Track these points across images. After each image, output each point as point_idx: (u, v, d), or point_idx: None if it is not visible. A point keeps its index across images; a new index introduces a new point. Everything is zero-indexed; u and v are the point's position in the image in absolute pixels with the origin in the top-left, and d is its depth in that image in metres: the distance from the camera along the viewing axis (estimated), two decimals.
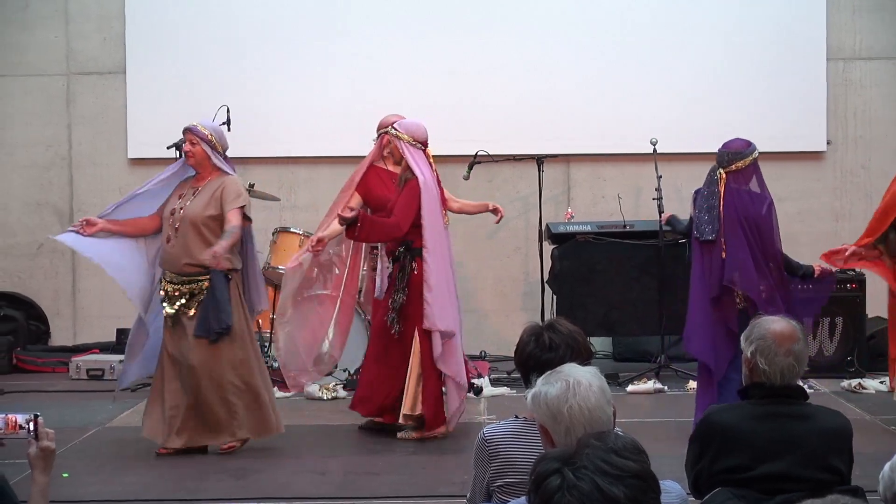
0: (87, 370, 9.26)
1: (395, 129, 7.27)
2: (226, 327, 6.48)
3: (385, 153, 7.76)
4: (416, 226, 7.06)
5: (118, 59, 10.41)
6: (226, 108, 8.20)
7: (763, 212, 6.64)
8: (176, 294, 6.56)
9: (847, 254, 6.81)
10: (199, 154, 6.65)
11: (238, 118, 8.37)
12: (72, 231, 6.83)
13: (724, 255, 6.54)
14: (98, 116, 10.40)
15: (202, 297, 6.51)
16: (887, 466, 4.05)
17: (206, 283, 6.49)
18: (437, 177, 7.34)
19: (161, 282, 6.66)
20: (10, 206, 10.47)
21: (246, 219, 6.64)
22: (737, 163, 6.73)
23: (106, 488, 5.97)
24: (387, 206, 7.52)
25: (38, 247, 9.99)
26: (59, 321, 10.33)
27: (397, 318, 7.02)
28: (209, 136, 6.66)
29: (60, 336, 10.40)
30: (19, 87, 10.50)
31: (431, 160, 7.31)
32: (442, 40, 10.19)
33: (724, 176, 6.71)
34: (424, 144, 7.30)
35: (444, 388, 7.14)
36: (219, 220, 6.53)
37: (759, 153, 6.78)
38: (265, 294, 7.16)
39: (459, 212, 8.15)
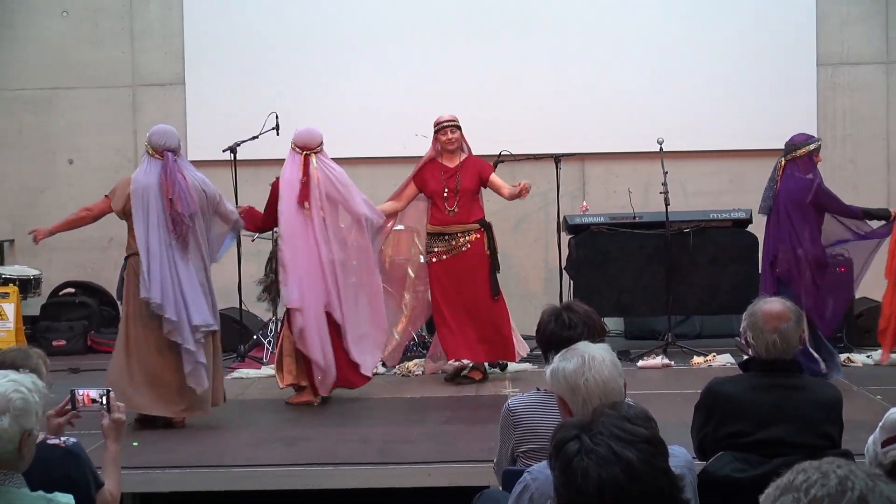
0: None
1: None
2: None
3: (438, 149, 7.90)
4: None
5: (178, 71, 10.47)
6: (274, 114, 8.22)
7: (808, 195, 7.12)
8: None
9: None
10: None
11: (286, 123, 8.40)
12: None
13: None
14: (160, 123, 10.43)
15: None
16: (871, 440, 4.04)
17: None
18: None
19: None
20: (83, 204, 10.50)
21: None
22: (794, 152, 7.23)
23: (171, 455, 6.00)
24: (437, 196, 7.81)
25: (109, 241, 10.03)
26: None
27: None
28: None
29: None
30: (91, 98, 10.58)
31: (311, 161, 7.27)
32: (472, 53, 10.24)
33: (783, 164, 7.22)
34: (303, 148, 7.24)
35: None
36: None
37: (752, 152, 6.96)
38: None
39: (510, 198, 8.10)
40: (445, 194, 7.87)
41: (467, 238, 7.89)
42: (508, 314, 8.00)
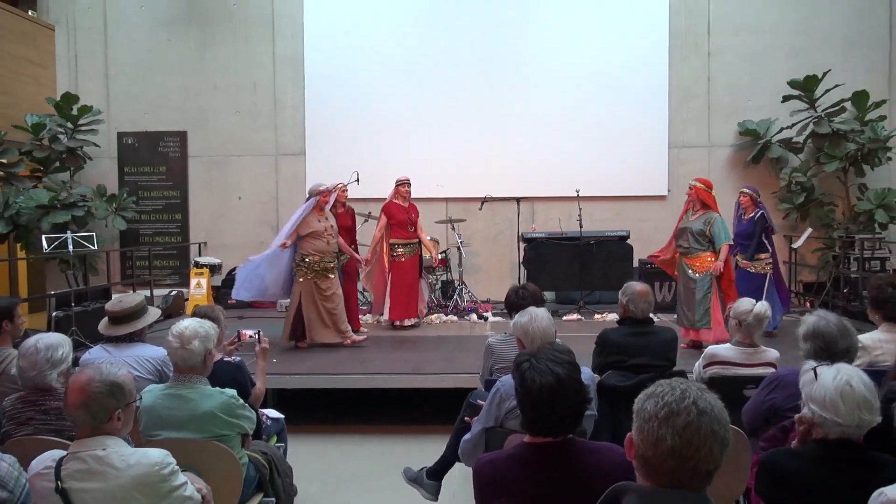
0: (285, 306, 9.24)
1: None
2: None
3: (398, 194, 7.75)
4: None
5: (301, 146, 10.46)
6: (356, 172, 8.18)
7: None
8: (330, 266, 6.67)
9: None
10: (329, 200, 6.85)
11: (365, 178, 8.34)
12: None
13: None
14: (291, 178, 10.48)
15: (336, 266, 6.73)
16: (697, 364, 4.03)
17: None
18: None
19: (307, 259, 6.67)
20: (247, 222, 10.58)
21: None
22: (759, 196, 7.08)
23: (296, 366, 6.01)
24: (403, 223, 7.64)
25: (261, 243, 10.06)
26: None
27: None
28: None
29: None
30: (251, 162, 10.58)
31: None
32: (469, 134, 10.15)
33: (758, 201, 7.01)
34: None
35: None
36: None
37: (630, 197, 6.74)
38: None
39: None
40: (410, 220, 7.78)
41: (416, 246, 7.83)
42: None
